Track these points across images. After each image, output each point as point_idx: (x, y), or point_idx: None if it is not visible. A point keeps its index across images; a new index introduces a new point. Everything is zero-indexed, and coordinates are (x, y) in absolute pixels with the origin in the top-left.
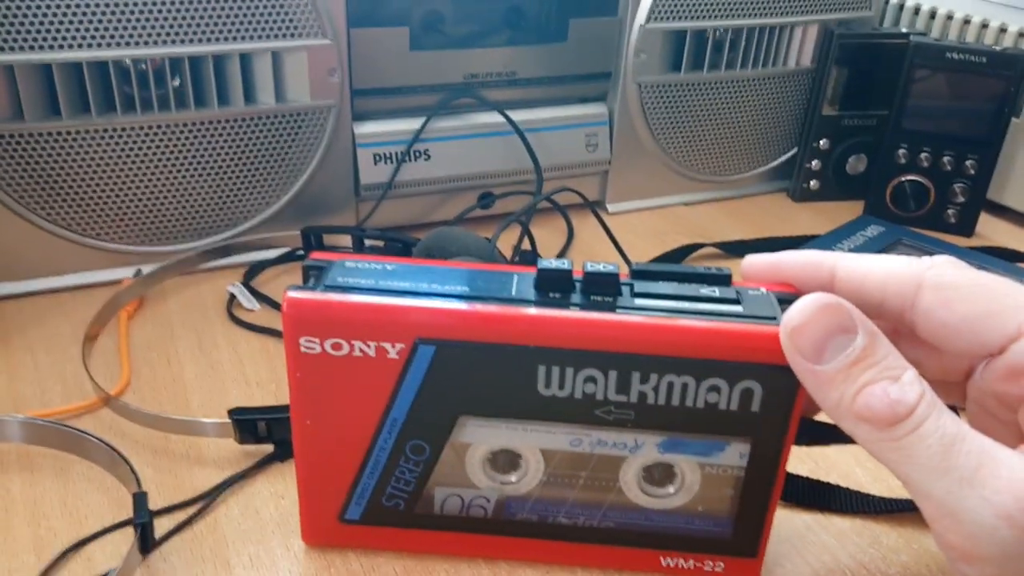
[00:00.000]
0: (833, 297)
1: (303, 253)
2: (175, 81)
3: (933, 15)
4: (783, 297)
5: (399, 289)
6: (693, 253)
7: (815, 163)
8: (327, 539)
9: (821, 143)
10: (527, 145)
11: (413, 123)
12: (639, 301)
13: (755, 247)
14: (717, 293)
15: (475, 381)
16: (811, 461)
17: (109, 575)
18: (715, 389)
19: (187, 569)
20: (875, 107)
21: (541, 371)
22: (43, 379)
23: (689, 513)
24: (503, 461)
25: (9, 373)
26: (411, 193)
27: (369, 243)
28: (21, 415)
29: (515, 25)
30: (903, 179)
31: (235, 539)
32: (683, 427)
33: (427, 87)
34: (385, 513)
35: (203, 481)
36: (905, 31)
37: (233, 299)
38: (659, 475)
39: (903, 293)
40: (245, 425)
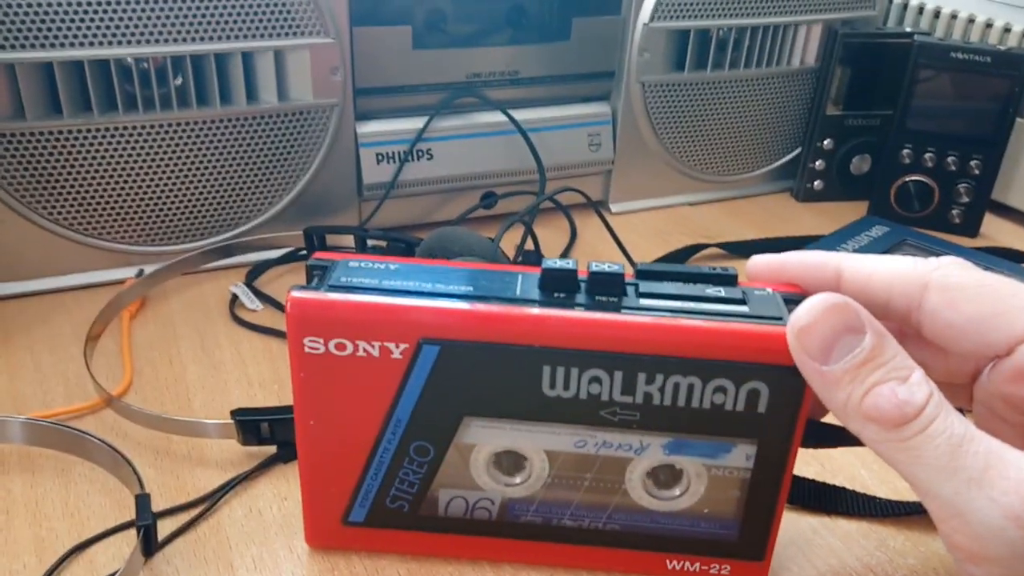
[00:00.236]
0: (841, 297)
1: (306, 253)
2: (177, 80)
3: (937, 14)
4: (789, 297)
5: (403, 289)
6: (697, 253)
7: (819, 163)
8: (331, 541)
9: (825, 143)
10: (530, 144)
11: (416, 122)
12: (644, 301)
13: (759, 247)
14: (723, 293)
15: (479, 381)
16: (817, 463)
17: None
18: (721, 390)
19: (190, 571)
20: (879, 107)
21: (546, 371)
22: (45, 379)
23: (695, 515)
24: (508, 463)
25: (11, 373)
26: (414, 193)
27: (372, 243)
28: (22, 416)
29: (518, 24)
30: (907, 179)
31: (238, 541)
32: (689, 428)
33: (430, 86)
34: (389, 515)
35: (206, 482)
36: (909, 30)
37: (235, 299)
38: (665, 477)
39: (909, 294)
40: (248, 426)
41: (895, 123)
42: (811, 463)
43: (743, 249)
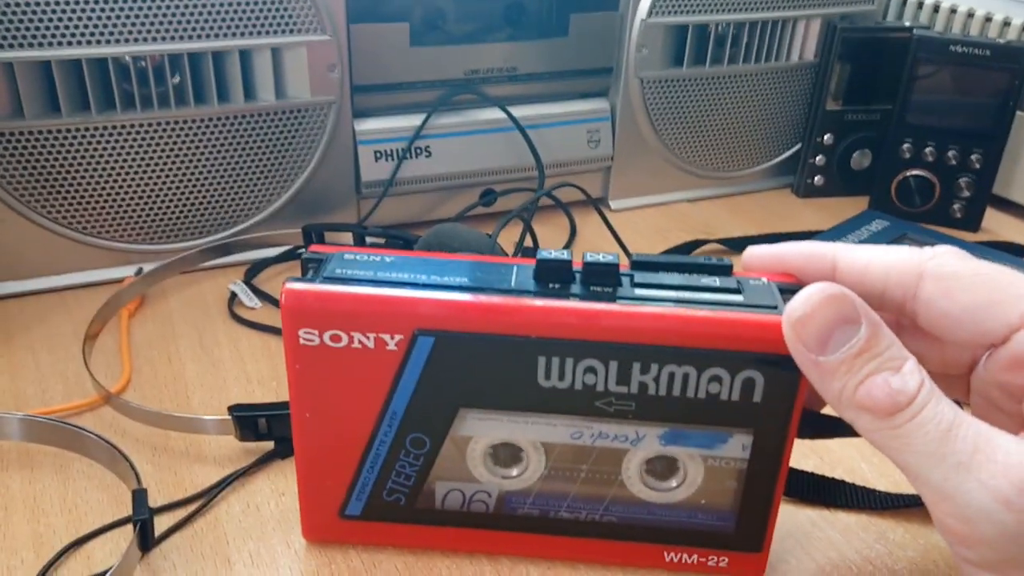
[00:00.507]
0: (836, 287)
1: (304, 251)
2: (175, 78)
3: (936, 8)
4: (784, 287)
5: (397, 280)
6: (696, 250)
7: (819, 158)
8: (328, 535)
9: (825, 138)
10: (528, 141)
11: (414, 120)
12: (639, 291)
13: (759, 243)
14: (718, 283)
15: (475, 373)
16: (816, 456)
17: (108, 573)
18: (716, 379)
19: (187, 566)
20: (879, 101)
21: (541, 362)
22: (44, 378)
23: (692, 507)
24: (504, 455)
25: (11, 372)
26: (412, 190)
27: (370, 241)
28: (20, 412)
29: (515, 20)
30: (908, 174)
31: (236, 536)
32: (685, 418)
33: (428, 83)
34: (386, 508)
35: (203, 478)
36: (908, 25)
37: (234, 297)
38: (661, 468)
39: (905, 283)
40: (245, 422)
41: (895, 118)
42: (810, 456)
43: (743, 245)
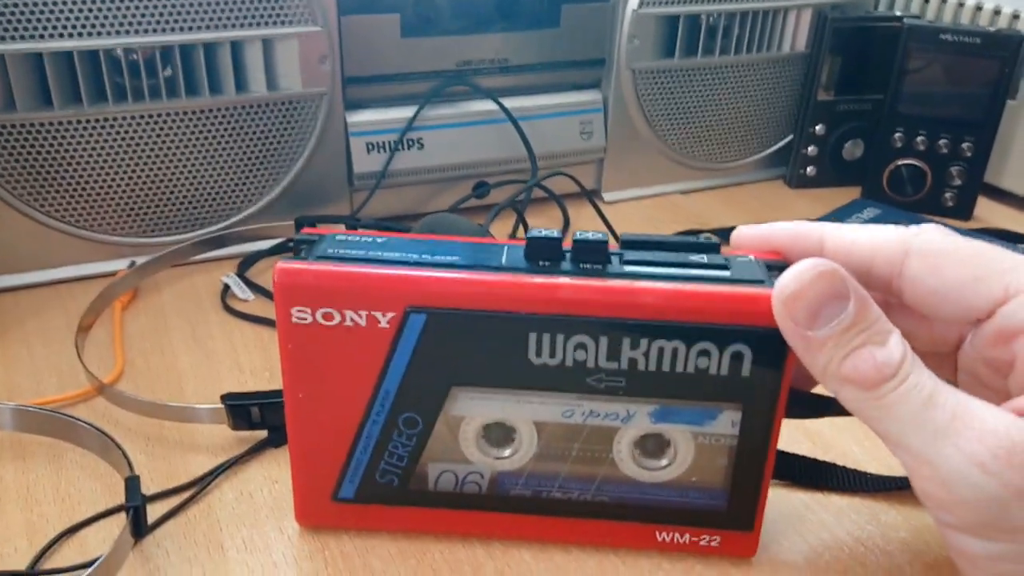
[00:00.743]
0: (826, 262)
1: (292, 245)
2: (166, 71)
3: None
4: (771, 264)
5: (389, 259)
6: None
7: (811, 149)
8: (321, 519)
9: (817, 129)
10: (521, 133)
11: (406, 111)
12: (628, 268)
13: None
14: (706, 260)
15: (466, 350)
16: (808, 440)
17: (100, 559)
18: (705, 353)
19: (180, 553)
20: (870, 91)
21: (532, 339)
22: (38, 370)
23: (683, 486)
24: (496, 435)
25: (4, 365)
26: (405, 183)
27: None
28: (13, 403)
29: (507, 11)
30: (900, 163)
31: (229, 523)
32: (674, 393)
33: (419, 74)
34: (379, 490)
35: (196, 467)
36: (899, 14)
37: (227, 289)
38: (652, 447)
39: (891, 260)
40: (238, 410)
41: (886, 107)
42: (802, 440)
43: None
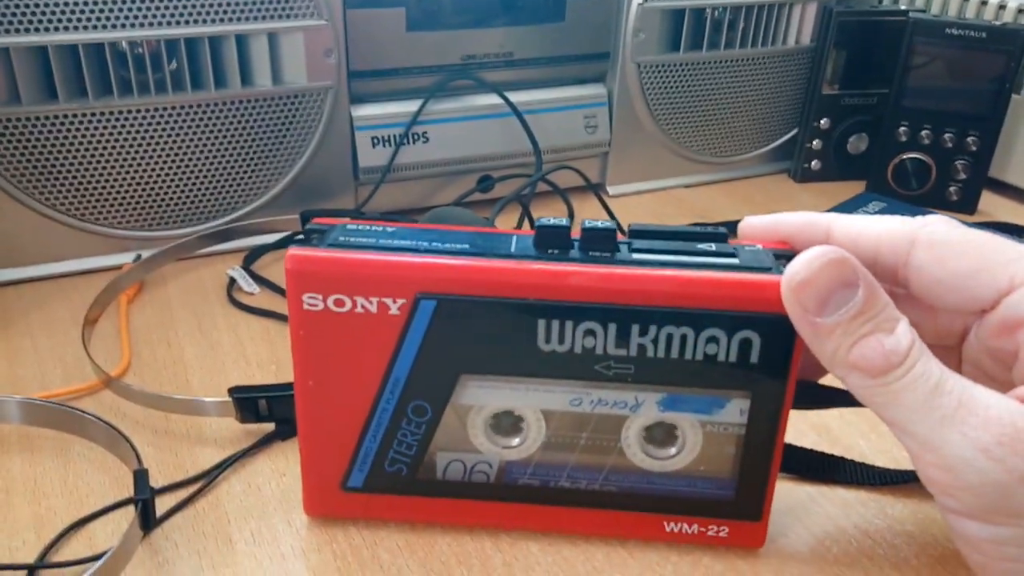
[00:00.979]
0: (836, 250)
1: (302, 237)
2: (172, 64)
3: None
4: (779, 253)
5: (400, 247)
6: None
7: (816, 143)
8: (329, 509)
9: (822, 123)
10: (526, 127)
11: (411, 105)
12: (637, 256)
13: None
14: (714, 248)
15: (476, 337)
16: (815, 434)
17: (109, 552)
18: (714, 340)
19: (189, 546)
20: (875, 85)
21: (541, 325)
22: (43, 363)
23: (691, 475)
24: (505, 424)
25: (9, 358)
26: (410, 177)
27: None
28: (20, 396)
29: (512, 5)
30: (904, 157)
31: (237, 516)
32: (683, 381)
33: (424, 68)
34: (388, 480)
35: (204, 460)
36: (904, 8)
37: (233, 283)
38: (660, 436)
39: (897, 250)
40: (246, 404)
41: (891, 101)
42: (809, 433)
43: None
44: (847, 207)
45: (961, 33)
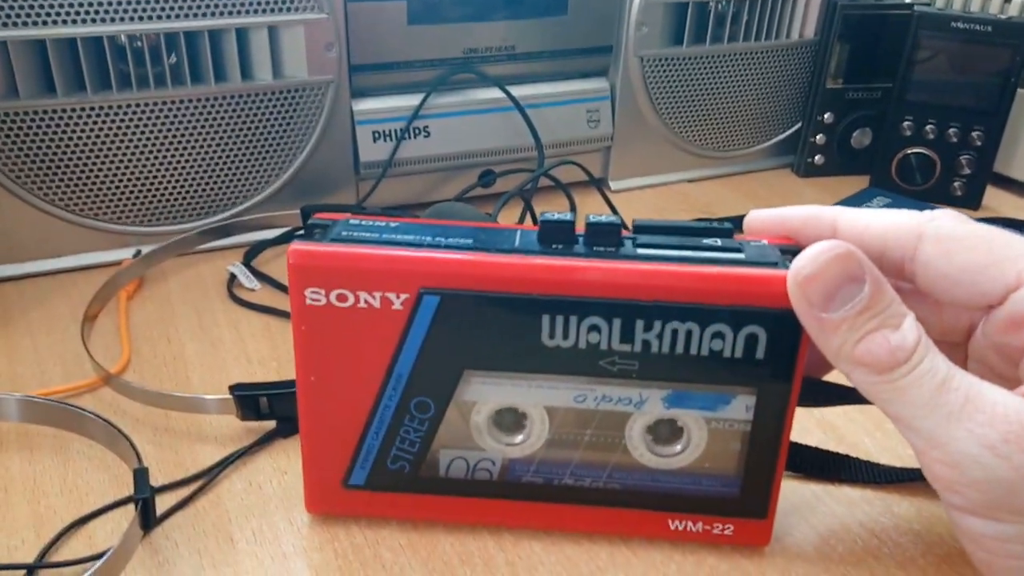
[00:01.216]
0: (843, 245)
1: (303, 232)
2: (171, 58)
3: None
4: (785, 248)
5: (403, 242)
6: None
7: (820, 137)
8: (331, 507)
9: (825, 117)
10: (528, 121)
11: (412, 99)
12: (641, 251)
13: None
14: (719, 243)
15: (479, 333)
16: (820, 432)
17: (109, 552)
18: (719, 336)
19: (189, 545)
20: (880, 79)
21: (545, 321)
22: (42, 360)
23: (696, 472)
24: (508, 421)
25: (8, 355)
26: (411, 171)
27: None
28: (19, 393)
29: None
30: (908, 152)
31: (238, 515)
32: (688, 377)
33: (426, 62)
34: (390, 477)
35: (205, 458)
36: (909, 1)
37: (233, 279)
38: (665, 433)
39: (904, 244)
40: (247, 401)
41: (896, 95)
42: (814, 431)
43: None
44: (851, 202)
45: (966, 27)
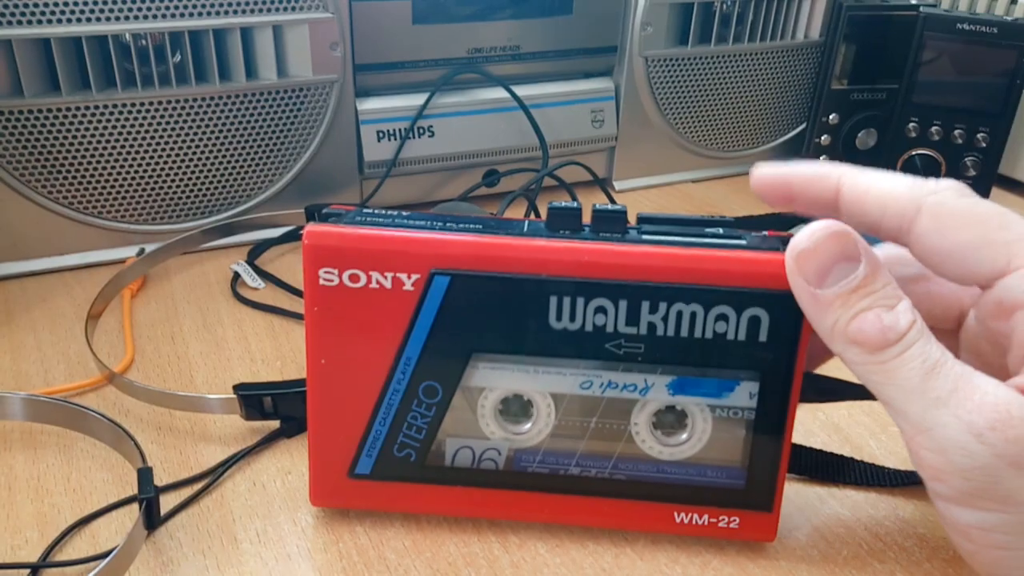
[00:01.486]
0: (841, 225)
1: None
2: (176, 57)
3: None
4: (786, 239)
5: (415, 226)
6: None
7: (824, 138)
8: (337, 498)
9: (830, 118)
10: (532, 121)
11: (417, 99)
12: (647, 237)
13: (764, 223)
14: (721, 232)
15: (489, 315)
16: (824, 434)
17: (113, 551)
18: (723, 318)
19: (193, 545)
20: (885, 80)
21: (553, 302)
22: (46, 358)
23: (701, 463)
24: (515, 409)
25: (12, 353)
26: (415, 171)
27: None
28: (23, 392)
29: None
30: (914, 153)
31: (242, 515)
32: (693, 360)
33: (430, 62)
34: (396, 466)
35: (209, 457)
36: (914, 2)
37: (237, 277)
38: (670, 422)
39: (902, 215)
40: (251, 401)
41: (901, 96)
42: (818, 433)
43: (748, 225)
44: None
45: (972, 28)
